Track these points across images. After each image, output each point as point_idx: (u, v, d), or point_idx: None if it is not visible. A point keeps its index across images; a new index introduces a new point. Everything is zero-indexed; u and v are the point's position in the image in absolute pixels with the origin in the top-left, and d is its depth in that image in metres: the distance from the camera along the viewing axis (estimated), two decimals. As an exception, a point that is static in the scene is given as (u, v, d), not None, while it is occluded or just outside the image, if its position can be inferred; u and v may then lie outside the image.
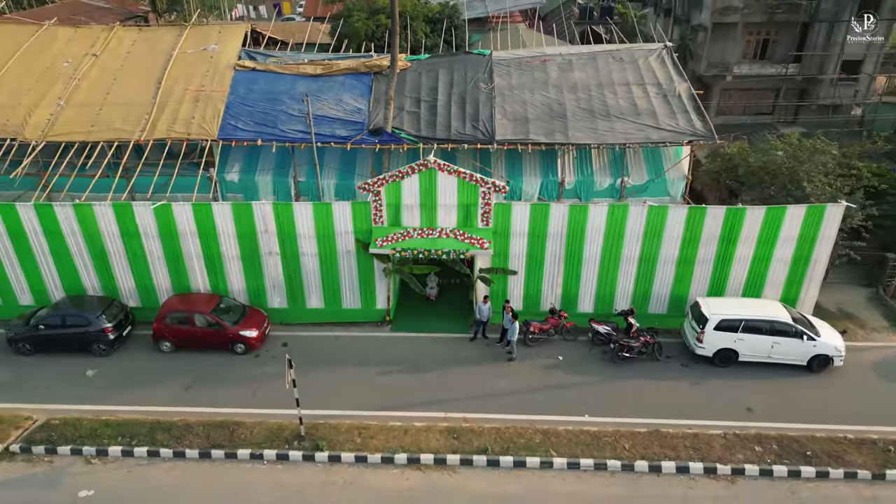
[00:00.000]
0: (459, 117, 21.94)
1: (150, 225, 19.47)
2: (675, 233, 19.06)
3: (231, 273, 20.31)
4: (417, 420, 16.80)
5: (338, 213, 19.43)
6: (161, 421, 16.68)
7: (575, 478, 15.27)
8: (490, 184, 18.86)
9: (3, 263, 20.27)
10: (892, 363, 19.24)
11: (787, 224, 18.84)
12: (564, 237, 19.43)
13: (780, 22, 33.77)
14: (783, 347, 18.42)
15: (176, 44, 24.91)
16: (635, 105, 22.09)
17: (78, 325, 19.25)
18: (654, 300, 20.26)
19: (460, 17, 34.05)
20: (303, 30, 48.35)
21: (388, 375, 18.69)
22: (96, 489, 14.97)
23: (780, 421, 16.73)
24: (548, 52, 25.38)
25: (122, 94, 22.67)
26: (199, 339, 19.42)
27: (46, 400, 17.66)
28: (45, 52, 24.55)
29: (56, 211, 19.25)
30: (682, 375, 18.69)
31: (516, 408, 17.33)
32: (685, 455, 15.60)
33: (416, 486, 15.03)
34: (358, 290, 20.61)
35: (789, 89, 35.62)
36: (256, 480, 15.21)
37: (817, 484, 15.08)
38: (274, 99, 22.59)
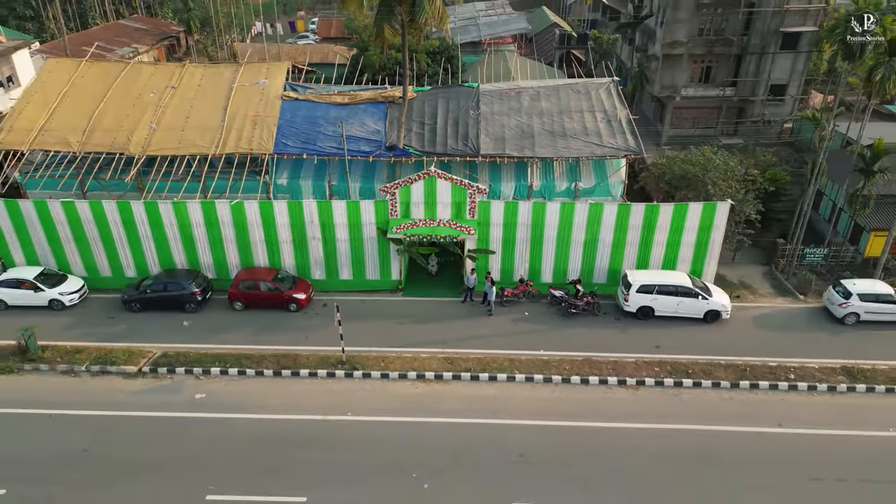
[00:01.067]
0: (453, 136, 29.15)
1: (226, 217, 26.67)
2: (609, 223, 26.27)
3: (284, 252, 27.53)
4: (423, 353, 23.99)
5: (364, 208, 26.63)
6: (244, 353, 23.91)
7: (530, 387, 22.50)
8: (475, 187, 26.05)
9: (115, 245, 27.48)
10: (766, 317, 26.52)
11: (689, 217, 26.06)
12: (530, 226, 26.63)
13: (718, 53, 41.06)
14: (685, 305, 25.65)
15: (235, 78, 32.15)
16: (586, 127, 29.33)
17: (175, 290, 26.47)
18: (596, 273, 27.48)
19: (455, 50, 41.11)
20: (321, 52, 56.00)
21: (401, 326, 25.91)
22: (206, 393, 22.18)
23: (677, 353, 23.94)
24: (522, 85, 32.63)
25: (197, 118, 29.89)
26: (263, 300, 26.64)
27: (158, 341, 24.82)
28: (134, 84, 31.76)
29: (159, 207, 26.45)
30: (613, 325, 25.92)
31: (492, 346, 24.52)
32: (606, 373, 22.82)
33: (422, 392, 22.25)
34: (378, 265, 27.83)
35: (729, 108, 42.89)
36: (314, 389, 22.42)
37: (694, 390, 22.31)
38: (313, 122, 29.82)
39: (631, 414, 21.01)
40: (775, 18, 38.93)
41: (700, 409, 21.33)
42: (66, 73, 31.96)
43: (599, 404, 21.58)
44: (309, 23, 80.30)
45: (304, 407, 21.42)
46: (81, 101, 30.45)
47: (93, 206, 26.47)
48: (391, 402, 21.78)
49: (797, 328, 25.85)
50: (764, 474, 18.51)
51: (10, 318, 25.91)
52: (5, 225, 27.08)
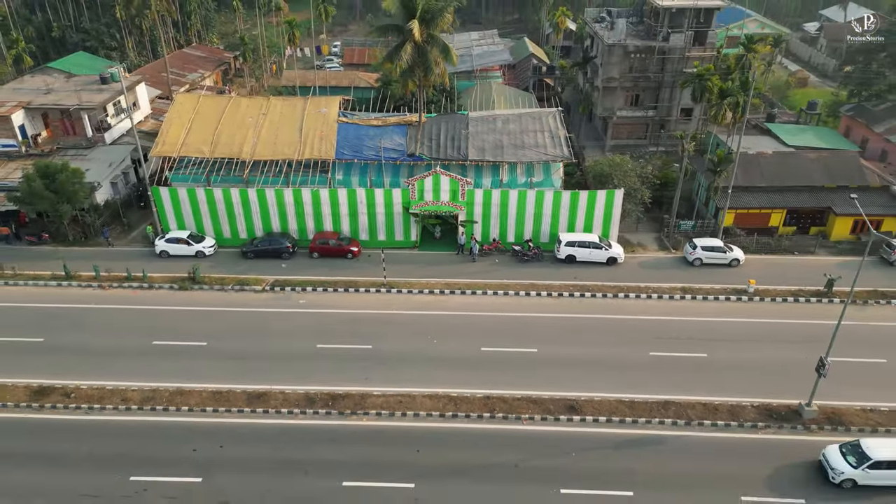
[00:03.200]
0: (451, 148, 44.68)
1: (306, 199, 42.26)
2: (549, 203, 41.87)
3: (343, 222, 43.11)
4: (432, 280, 39.57)
5: (394, 194, 42.18)
6: (324, 280, 39.53)
7: (496, 298, 38.16)
8: (464, 181, 41.64)
9: (235, 217, 43.06)
10: (647, 262, 42.18)
11: (598, 199, 41.67)
12: (499, 205, 42.19)
13: (643, 86, 56.68)
14: (595, 254, 41.27)
15: (305, 107, 47.74)
16: (537, 142, 44.92)
17: (275, 245, 42.11)
18: (541, 235, 43.08)
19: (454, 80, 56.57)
20: (349, 77, 71.51)
21: (418, 266, 41.51)
22: (306, 300, 37.84)
23: (586, 280, 39.55)
24: (497, 113, 48.23)
25: (283, 135, 45.47)
26: (331, 252, 42.24)
27: (268, 274, 40.39)
28: (237, 112, 47.32)
29: (265, 192, 42.04)
30: (549, 267, 41.52)
31: (474, 277, 40.12)
32: (541, 289, 38.46)
33: (431, 300, 37.91)
34: (403, 230, 43.43)
35: (653, 124, 58.47)
36: (369, 298, 38.08)
37: (591, 299, 37.94)
38: (359, 138, 45.42)
39: (553, 309, 36.72)
40: (680, 62, 54.52)
41: (592, 307, 37.01)
42: (190, 104, 47.58)
43: (536, 306, 37.30)
44: (332, 46, 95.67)
45: (364, 306, 37.18)
46: (205, 123, 46.02)
47: (224, 192, 42.15)
48: (414, 304, 37.50)
49: (663, 268, 41.55)
50: (621, 336, 34.19)
51: (174, 262, 41.61)
52: (166, 204, 42.72)
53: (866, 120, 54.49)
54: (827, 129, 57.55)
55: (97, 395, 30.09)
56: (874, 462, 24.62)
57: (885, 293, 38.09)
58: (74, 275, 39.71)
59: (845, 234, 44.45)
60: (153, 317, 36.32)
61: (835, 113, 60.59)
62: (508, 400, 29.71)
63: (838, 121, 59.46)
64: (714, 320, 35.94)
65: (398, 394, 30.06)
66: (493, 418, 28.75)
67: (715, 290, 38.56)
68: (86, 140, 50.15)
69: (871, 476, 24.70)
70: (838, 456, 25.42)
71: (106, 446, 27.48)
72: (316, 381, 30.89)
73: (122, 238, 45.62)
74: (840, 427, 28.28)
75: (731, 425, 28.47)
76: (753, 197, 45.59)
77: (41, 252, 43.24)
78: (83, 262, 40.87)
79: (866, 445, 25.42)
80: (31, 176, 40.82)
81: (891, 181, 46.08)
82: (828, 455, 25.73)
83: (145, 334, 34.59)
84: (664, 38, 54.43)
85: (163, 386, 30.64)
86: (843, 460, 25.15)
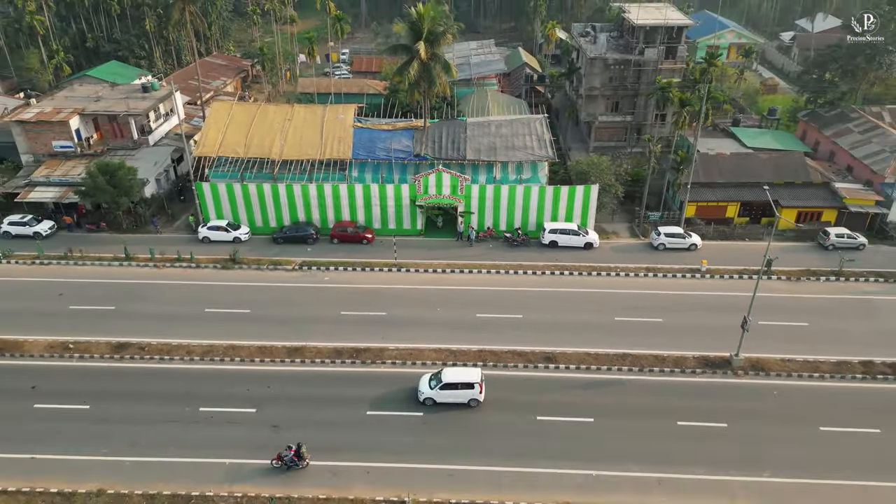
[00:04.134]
0: (451, 148, 51.83)
1: (328, 193, 49.47)
2: (535, 197, 49.07)
3: (359, 213, 50.30)
4: (434, 261, 46.77)
5: (403, 189, 49.38)
6: (344, 261, 46.74)
7: (487, 274, 45.37)
8: (462, 177, 48.83)
9: (266, 208, 50.24)
10: (619, 247, 49.36)
11: (577, 194, 48.88)
12: (492, 199, 49.39)
13: (622, 94, 63.89)
14: (574, 239, 48.49)
15: (324, 114, 54.89)
16: (526, 144, 52.07)
17: (301, 232, 49.32)
18: (529, 224, 50.27)
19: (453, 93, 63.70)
20: (358, 84, 78.65)
21: (422, 250, 48.69)
22: (329, 278, 45.06)
23: (566, 262, 46.77)
24: (491, 119, 55.40)
25: (306, 138, 52.64)
26: (349, 238, 49.47)
27: (296, 257, 47.61)
28: (265, 118, 54.45)
29: (293, 187, 49.24)
30: (536, 251, 48.71)
31: (471, 259, 47.32)
32: (527, 269, 45.68)
33: (434, 277, 45.11)
34: (410, 220, 50.62)
35: (631, 128, 65.66)
36: (382, 275, 45.25)
37: (568, 276, 45.15)
38: (372, 141, 52.58)
39: (537, 284, 43.94)
40: (654, 74, 61.70)
41: (569, 283, 44.21)
42: (225, 111, 54.73)
43: (522, 282, 44.52)
44: (340, 53, 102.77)
45: (378, 282, 44.42)
46: (238, 128, 53.15)
47: (257, 187, 49.33)
48: (420, 280, 44.72)
49: (632, 251, 48.72)
50: (592, 305, 41.40)
51: (215, 247, 48.81)
52: (207, 197, 49.89)
53: (818, 124, 61.67)
54: (784, 132, 64.81)
55: (165, 349, 37.30)
56: (444, 384, 32.52)
57: (816, 271, 45.29)
58: (133, 256, 46.89)
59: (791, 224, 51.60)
60: (202, 290, 43.54)
61: (794, 118, 67.75)
62: (497, 353, 36.93)
63: (797, 125, 66.58)
64: (670, 293, 43.18)
65: (409, 348, 37.26)
66: (485, 366, 35.90)
67: (673, 269, 45.78)
68: (132, 142, 57.33)
69: (442, 395, 32.61)
70: (426, 382, 33.30)
71: (177, 387, 34.69)
72: (341, 340, 38.07)
73: (168, 226, 52.77)
74: (761, 372, 35.52)
75: (675, 371, 35.71)
76: (712, 192, 52.77)
77: (100, 238, 50.40)
78: (137, 246, 48.04)
79: (444, 373, 33.30)
80: (94, 173, 47.98)
81: (831, 178, 53.30)
82: (420, 382, 33.60)
83: (198, 304, 41.81)
84: (640, 52, 61.65)
85: (217, 343, 37.83)
86: (428, 385, 33.00)
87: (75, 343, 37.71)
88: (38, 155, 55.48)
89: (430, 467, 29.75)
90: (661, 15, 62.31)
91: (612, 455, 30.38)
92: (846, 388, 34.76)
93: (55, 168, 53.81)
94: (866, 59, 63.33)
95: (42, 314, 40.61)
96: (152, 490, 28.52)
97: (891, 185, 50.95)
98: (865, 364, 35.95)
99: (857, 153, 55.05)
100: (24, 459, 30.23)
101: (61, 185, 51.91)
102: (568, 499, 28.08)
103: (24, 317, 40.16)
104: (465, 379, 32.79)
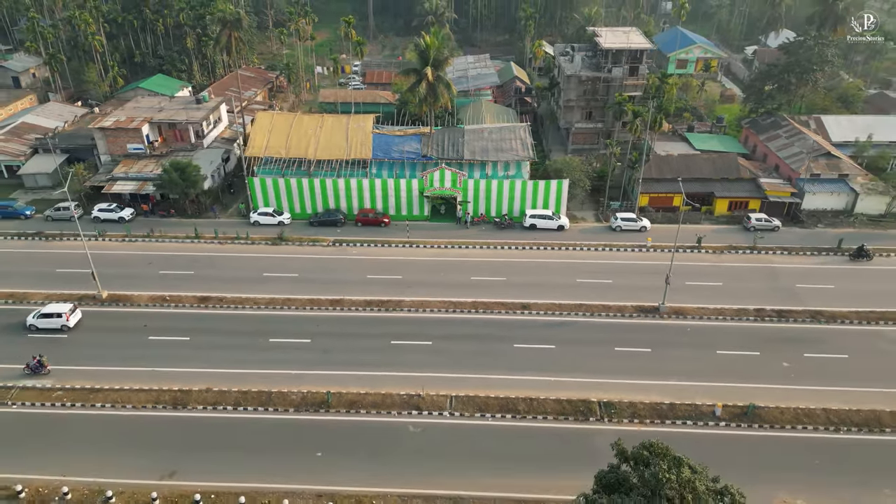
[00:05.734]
0: (452, 150, 64.44)
1: (353, 185, 62.13)
2: (518, 189, 61.74)
3: (378, 202, 62.94)
4: (438, 240, 59.43)
5: (413, 182, 62.03)
6: (368, 239, 59.39)
7: (480, 249, 58.05)
8: (461, 173, 61.49)
9: (304, 198, 62.86)
10: (584, 229, 62.04)
11: (552, 187, 61.55)
12: (485, 190, 62.05)
13: (594, 105, 76.51)
14: (549, 223, 61.14)
15: (348, 122, 67.53)
16: (512, 147, 64.70)
17: (332, 217, 61.99)
18: (514, 211, 62.93)
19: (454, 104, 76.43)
20: (371, 95, 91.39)
21: (429, 232, 61.33)
22: (358, 252, 57.71)
23: (543, 241, 59.42)
24: (484, 126, 68.05)
25: (334, 142, 65.28)
26: (370, 222, 62.15)
27: (329, 237, 60.22)
28: (301, 125, 67.10)
29: (326, 180, 61.89)
30: (519, 232, 61.32)
31: (467, 239, 59.98)
32: (513, 245, 58.34)
33: (440, 252, 57.78)
34: (418, 207, 63.25)
35: (602, 133, 78.29)
36: (397, 250, 57.90)
37: (543, 251, 57.80)
38: (388, 144, 65.24)
39: (518, 256, 56.58)
40: (619, 88, 74.30)
41: (544, 255, 56.85)
42: (268, 119, 67.37)
43: (507, 255, 57.18)
44: (353, 65, 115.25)
45: (395, 255, 57.12)
46: (279, 133, 65.78)
47: (297, 181, 61.98)
48: (427, 254, 57.40)
49: (595, 232, 61.36)
50: (560, 271, 54.05)
51: (264, 229, 61.49)
52: (257, 189, 62.50)
53: (756, 130, 74.33)
54: (729, 137, 77.53)
55: (238, 301, 49.91)
56: (41, 314, 46.22)
57: (736, 246, 57.96)
58: (200, 235, 59.48)
59: (724, 211, 64.22)
60: (259, 260, 56.16)
61: (739, 125, 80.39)
62: (486, 303, 49.54)
63: (742, 131, 79.20)
64: (621, 262, 55.81)
65: (421, 300, 49.84)
66: (477, 312, 48.50)
67: (625, 245, 58.43)
68: (190, 145, 69.94)
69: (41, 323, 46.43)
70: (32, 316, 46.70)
71: (251, 326, 47.28)
72: (369, 294, 50.66)
73: (223, 213, 65.39)
74: (680, 316, 48.13)
75: (616, 315, 48.34)
76: (662, 185, 65.38)
77: (170, 222, 62.99)
78: (201, 228, 60.60)
79: None
80: (169, 169, 60.57)
81: (758, 175, 65.96)
82: None
83: (256, 270, 54.43)
84: (608, 70, 74.31)
85: (277, 296, 50.43)
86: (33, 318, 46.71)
87: (170, 296, 50.39)
88: (114, 155, 68.09)
89: (435, 375, 42.29)
90: (626, 39, 74.94)
91: (566, 368, 42.89)
92: (741, 326, 47.41)
93: (130, 166, 66.45)
94: (796, 76, 75.91)
95: (139, 277, 53.25)
96: (244, 388, 41.10)
97: (804, 180, 63.64)
98: (758, 310, 48.61)
99: (781, 154, 67.76)
100: (147, 371, 42.81)
101: (137, 180, 64.53)
102: (538, 395, 40.58)
103: (127, 279, 52.77)
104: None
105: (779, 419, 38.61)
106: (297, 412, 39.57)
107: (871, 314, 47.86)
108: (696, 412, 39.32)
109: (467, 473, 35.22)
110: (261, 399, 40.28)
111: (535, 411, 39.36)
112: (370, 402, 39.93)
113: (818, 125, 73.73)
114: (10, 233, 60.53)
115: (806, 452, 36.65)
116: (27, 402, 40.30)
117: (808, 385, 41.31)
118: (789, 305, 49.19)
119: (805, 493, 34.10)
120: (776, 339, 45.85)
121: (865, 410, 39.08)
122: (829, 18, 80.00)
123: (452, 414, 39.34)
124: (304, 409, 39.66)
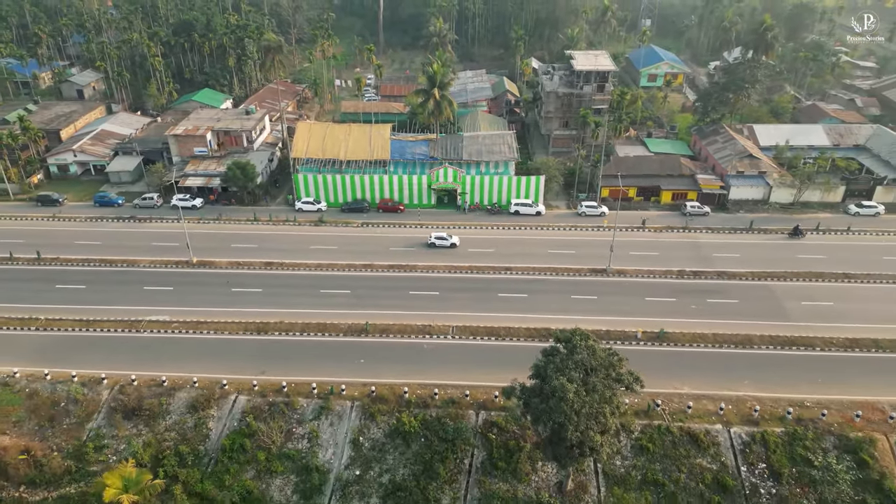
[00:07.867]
0: (454, 152, 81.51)
1: (376, 181, 79.35)
2: (505, 183, 78.89)
3: (395, 193, 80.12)
4: (442, 221, 76.59)
5: (423, 178, 79.19)
6: (387, 221, 76.58)
7: (475, 229, 75.23)
8: (460, 171, 78.62)
9: (337, 190, 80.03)
10: (556, 215, 79.21)
11: (531, 181, 78.70)
12: (479, 184, 79.19)
13: (569, 116, 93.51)
14: (529, 209, 78.29)
15: (370, 130, 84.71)
16: (501, 150, 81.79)
17: (359, 205, 79.23)
18: (502, 200, 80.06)
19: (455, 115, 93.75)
20: (385, 106, 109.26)
21: (435, 217, 78.49)
22: (377, 231, 74.92)
23: (524, 224, 76.53)
24: (479, 133, 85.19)
25: (360, 146, 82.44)
26: (389, 209, 79.40)
27: (357, 220, 77.41)
28: (333, 133, 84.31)
29: (354, 177, 79.07)
30: (506, 217, 78.44)
31: (464, 221, 77.15)
32: (500, 226, 75.48)
33: (444, 232, 75.02)
34: (427, 197, 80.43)
35: (576, 139, 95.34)
36: (410, 230, 75.06)
37: (523, 230, 74.95)
38: (403, 148, 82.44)
39: (504, 234, 73.73)
40: (590, 102, 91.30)
41: (524, 233, 73.97)
42: (307, 128, 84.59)
43: (496, 233, 74.36)
44: (367, 78, 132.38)
45: (409, 234, 74.27)
46: (316, 139, 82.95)
47: (332, 177, 79.18)
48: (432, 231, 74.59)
49: (565, 217, 78.44)
50: (535, 245, 71.20)
51: (306, 214, 78.80)
52: (300, 183, 79.68)
53: (700, 136, 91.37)
54: (680, 141, 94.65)
55: (294, 265, 67.09)
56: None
57: (672, 227, 75.07)
58: (258, 219, 76.67)
59: (668, 200, 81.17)
60: (305, 237, 73.33)
61: (689, 131, 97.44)
62: (479, 266, 66.66)
63: (691, 137, 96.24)
64: (583, 238, 72.90)
65: (431, 264, 66.95)
66: (472, 273, 65.62)
67: (587, 226, 75.57)
68: (243, 148, 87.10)
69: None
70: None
71: (306, 282, 64.44)
72: (392, 260, 67.76)
73: (273, 203, 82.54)
74: (622, 275, 65.22)
75: (574, 274, 65.45)
76: (621, 181, 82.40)
77: (231, 209, 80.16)
78: (258, 214, 77.73)
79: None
80: (233, 167, 77.73)
81: (696, 172, 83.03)
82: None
83: (305, 244, 71.61)
84: (580, 88, 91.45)
85: (322, 262, 67.58)
86: None
87: (243, 261, 67.62)
88: (183, 157, 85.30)
89: (441, 313, 59.31)
90: (595, 62, 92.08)
91: (535, 309, 59.87)
92: (666, 282, 64.44)
93: (197, 165, 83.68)
94: (733, 91, 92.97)
95: (217, 249, 70.43)
96: (306, 321, 58.18)
97: (731, 176, 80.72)
98: (680, 271, 65.68)
99: (717, 156, 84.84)
100: (234, 311, 59.87)
101: (204, 176, 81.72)
102: (514, 325, 57.51)
103: (206, 250, 69.90)
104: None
105: (681, 339, 55.68)
106: (344, 336, 56.70)
107: (760, 273, 64.97)
108: (624, 336, 56.38)
109: (464, 373, 52.30)
110: (318, 327, 57.40)
111: (512, 335, 56.43)
112: (396, 329, 57.06)
113: (750, 132, 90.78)
114: (109, 217, 77.82)
115: (696, 360, 53.69)
116: (154, 330, 57.47)
117: (706, 319, 58.38)
118: (704, 268, 66.29)
119: (690, 383, 51.09)
120: (690, 290, 62.92)
121: (742, 334, 56.12)
122: (760, 45, 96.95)
123: (454, 337, 56.43)
124: (350, 334, 56.80)
